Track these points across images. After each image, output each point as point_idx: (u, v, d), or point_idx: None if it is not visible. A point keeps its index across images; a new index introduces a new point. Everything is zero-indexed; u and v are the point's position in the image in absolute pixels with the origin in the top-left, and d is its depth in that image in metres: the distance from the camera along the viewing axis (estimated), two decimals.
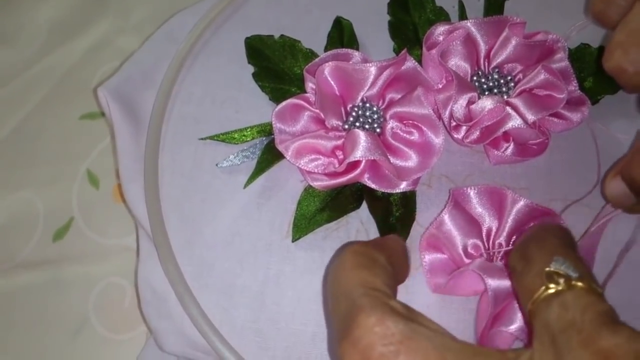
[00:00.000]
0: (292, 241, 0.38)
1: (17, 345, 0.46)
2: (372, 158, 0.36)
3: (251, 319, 0.36)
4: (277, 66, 0.41)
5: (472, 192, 0.37)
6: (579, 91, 0.40)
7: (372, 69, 0.38)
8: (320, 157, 0.38)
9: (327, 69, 0.38)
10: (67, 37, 0.57)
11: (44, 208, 0.49)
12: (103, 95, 0.41)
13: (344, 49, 0.40)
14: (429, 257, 0.37)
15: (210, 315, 0.36)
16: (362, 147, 0.36)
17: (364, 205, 0.39)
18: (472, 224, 0.36)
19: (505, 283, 0.34)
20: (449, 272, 0.36)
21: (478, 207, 0.37)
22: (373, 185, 0.38)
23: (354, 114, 0.39)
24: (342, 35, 0.42)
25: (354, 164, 0.38)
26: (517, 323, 0.34)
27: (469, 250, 0.36)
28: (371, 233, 0.38)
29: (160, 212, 0.38)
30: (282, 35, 0.42)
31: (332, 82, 0.39)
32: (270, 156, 0.39)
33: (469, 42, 0.40)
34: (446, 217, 0.36)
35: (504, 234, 0.36)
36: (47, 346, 0.45)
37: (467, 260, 0.36)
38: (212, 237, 0.38)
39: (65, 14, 0.58)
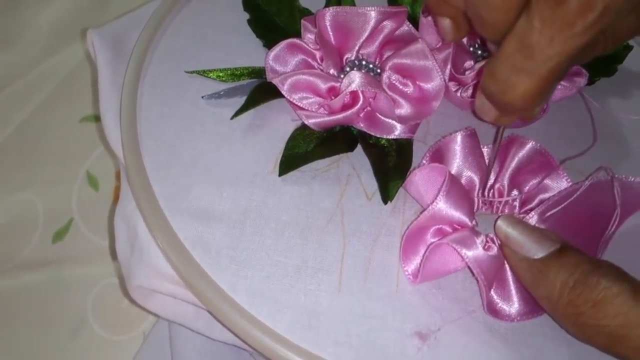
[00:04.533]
0: (279, 175, 0.34)
1: (16, 345, 0.45)
2: (370, 90, 0.34)
3: (228, 245, 0.32)
4: (272, 18, 0.40)
5: None
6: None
7: (373, 13, 0.37)
8: (314, 97, 0.36)
9: (328, 13, 0.37)
10: (68, 40, 0.58)
11: (44, 209, 0.49)
12: (90, 37, 0.39)
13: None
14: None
15: (182, 237, 0.31)
16: (358, 80, 0.35)
17: (357, 152, 0.36)
18: (478, 161, 0.34)
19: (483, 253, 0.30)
20: (432, 182, 0.32)
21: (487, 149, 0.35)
22: (368, 131, 0.36)
23: (350, 64, 0.38)
24: (340, 3, 0.42)
25: (351, 103, 0.36)
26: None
27: (462, 180, 0.33)
28: (363, 178, 0.35)
29: (135, 132, 0.34)
30: None
31: (330, 32, 0.37)
32: (260, 96, 0.37)
33: None
34: (459, 137, 0.34)
35: (507, 174, 0.34)
36: (45, 346, 0.45)
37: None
38: (191, 163, 0.34)
39: (67, 17, 0.59)
